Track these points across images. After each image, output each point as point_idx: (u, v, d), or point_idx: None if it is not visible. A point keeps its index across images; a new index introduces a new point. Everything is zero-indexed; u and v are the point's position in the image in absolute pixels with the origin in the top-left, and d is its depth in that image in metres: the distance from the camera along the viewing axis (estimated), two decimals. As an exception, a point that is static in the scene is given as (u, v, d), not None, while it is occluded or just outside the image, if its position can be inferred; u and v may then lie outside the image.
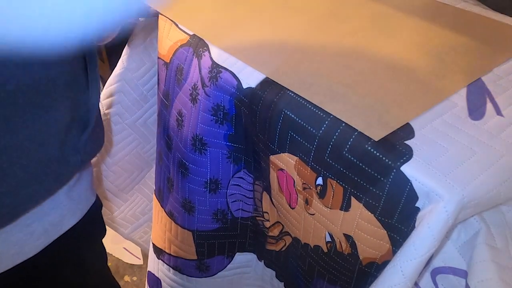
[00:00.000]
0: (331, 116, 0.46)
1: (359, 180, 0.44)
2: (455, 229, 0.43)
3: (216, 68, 0.56)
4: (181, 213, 0.70)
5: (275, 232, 0.65)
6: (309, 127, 0.47)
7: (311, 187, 0.50)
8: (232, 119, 0.58)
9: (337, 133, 0.45)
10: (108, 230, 0.64)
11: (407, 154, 0.42)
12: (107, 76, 0.80)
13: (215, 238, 0.71)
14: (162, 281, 0.81)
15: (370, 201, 0.44)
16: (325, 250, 0.54)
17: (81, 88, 0.45)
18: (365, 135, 0.43)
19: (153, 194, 0.81)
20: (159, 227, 0.77)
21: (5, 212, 0.41)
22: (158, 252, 0.79)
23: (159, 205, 0.76)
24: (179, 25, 0.64)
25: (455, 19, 0.64)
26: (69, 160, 0.44)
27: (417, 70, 0.53)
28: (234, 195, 0.67)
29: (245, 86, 0.53)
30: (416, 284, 0.47)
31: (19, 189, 0.40)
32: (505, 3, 0.69)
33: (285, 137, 0.50)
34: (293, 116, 0.48)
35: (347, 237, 0.49)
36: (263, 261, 0.74)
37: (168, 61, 0.65)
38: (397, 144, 0.43)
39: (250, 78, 0.53)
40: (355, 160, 0.44)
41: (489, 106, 0.49)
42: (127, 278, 1.28)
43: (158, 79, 0.72)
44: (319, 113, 0.47)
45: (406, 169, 0.41)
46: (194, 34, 0.61)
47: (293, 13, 0.66)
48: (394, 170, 0.41)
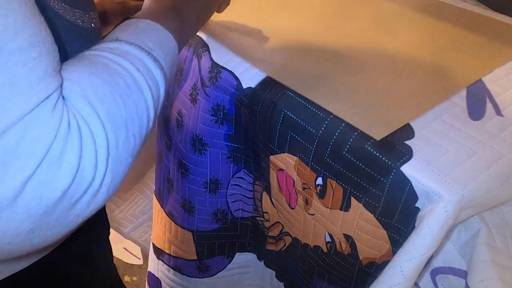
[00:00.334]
0: (331, 116, 0.46)
1: (359, 180, 0.44)
2: (455, 229, 0.43)
3: (216, 68, 0.56)
4: (181, 213, 0.70)
5: (275, 232, 0.65)
6: (309, 127, 0.47)
7: (311, 187, 0.50)
8: (232, 119, 0.58)
9: (337, 133, 0.45)
10: (108, 230, 0.64)
11: (407, 154, 0.41)
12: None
13: (215, 238, 0.71)
14: (162, 281, 0.81)
15: (370, 201, 0.44)
16: (325, 250, 0.54)
17: None
18: (365, 135, 0.43)
19: (153, 194, 0.81)
20: (159, 227, 0.77)
21: None
22: (158, 252, 0.79)
23: (159, 205, 0.76)
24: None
25: (458, 19, 0.65)
26: None
27: (419, 70, 0.53)
28: (234, 195, 0.67)
29: (245, 86, 0.53)
30: (416, 284, 0.47)
31: None
32: (505, 3, 0.69)
33: (285, 137, 0.50)
34: (293, 116, 0.48)
35: (347, 237, 0.49)
36: (263, 261, 0.74)
37: (168, 61, 0.65)
38: (397, 144, 0.43)
39: (250, 78, 0.53)
40: (355, 160, 0.44)
41: (489, 106, 0.49)
42: (127, 278, 1.28)
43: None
44: (319, 113, 0.47)
45: (406, 169, 0.41)
46: (194, 34, 0.61)
47: (298, 12, 0.66)
48: (394, 170, 0.41)
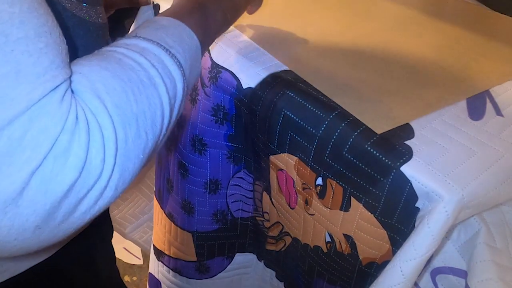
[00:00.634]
0: (331, 116, 0.46)
1: (359, 180, 0.44)
2: (455, 229, 0.43)
3: (216, 68, 0.56)
4: (180, 214, 0.70)
5: (275, 232, 0.65)
6: (309, 127, 0.47)
7: (310, 187, 0.50)
8: (232, 119, 0.58)
9: (337, 133, 0.45)
10: (108, 230, 0.64)
11: (407, 154, 0.41)
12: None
13: (214, 239, 0.71)
14: (162, 283, 0.80)
15: (370, 201, 0.44)
16: (325, 250, 0.54)
17: None
18: (365, 135, 0.43)
19: (153, 195, 0.81)
20: (159, 228, 0.77)
21: None
22: (158, 253, 0.79)
23: (159, 206, 0.76)
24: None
25: (483, 22, 0.66)
26: None
27: (438, 71, 0.54)
28: (234, 195, 0.67)
29: (245, 86, 0.53)
30: (416, 284, 0.47)
31: None
32: (505, 3, 0.69)
33: (285, 137, 0.50)
34: (293, 116, 0.48)
35: (347, 237, 0.49)
36: (263, 261, 0.74)
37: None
38: (397, 144, 0.43)
39: (250, 78, 0.53)
40: (355, 160, 0.44)
41: (489, 106, 0.49)
42: (127, 278, 1.28)
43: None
44: (319, 113, 0.47)
45: (406, 169, 0.41)
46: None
47: (323, 10, 0.68)
48: (394, 170, 0.41)
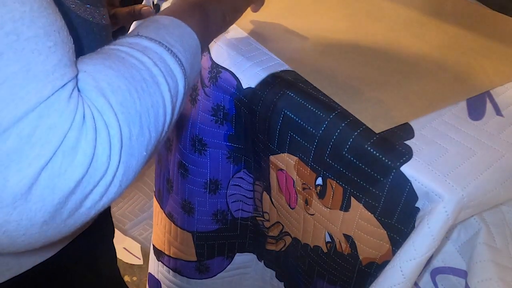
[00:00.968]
0: (331, 116, 0.46)
1: (358, 180, 0.44)
2: (455, 229, 0.43)
3: (216, 68, 0.56)
4: (180, 214, 0.70)
5: (275, 232, 0.65)
6: (309, 127, 0.47)
7: (310, 187, 0.50)
8: (232, 119, 0.58)
9: (337, 133, 0.45)
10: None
11: (407, 154, 0.41)
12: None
13: (214, 239, 0.71)
14: (162, 283, 0.80)
15: (370, 201, 0.44)
16: (325, 250, 0.54)
17: None
18: (365, 135, 0.43)
19: (153, 194, 0.81)
20: (159, 228, 0.77)
21: None
22: (158, 254, 0.79)
23: (159, 206, 0.76)
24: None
25: (487, 22, 0.66)
26: None
27: (440, 71, 0.54)
28: (234, 195, 0.67)
29: (245, 86, 0.53)
30: (416, 284, 0.47)
31: None
32: (505, 3, 0.69)
33: (284, 137, 0.50)
34: (293, 116, 0.48)
35: (347, 237, 0.49)
36: (263, 261, 0.74)
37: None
38: (397, 144, 0.43)
39: (250, 78, 0.53)
40: (354, 160, 0.44)
41: (489, 106, 0.49)
42: (127, 278, 1.28)
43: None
44: (319, 113, 0.47)
45: (406, 169, 0.41)
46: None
47: (328, 9, 0.68)
48: (394, 170, 0.41)
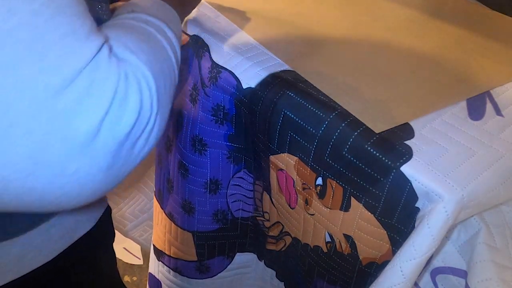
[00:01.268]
0: (331, 116, 0.46)
1: (359, 180, 0.44)
2: (455, 229, 0.43)
3: (216, 68, 0.56)
4: (181, 214, 0.70)
5: (275, 232, 0.65)
6: (309, 127, 0.47)
7: (310, 187, 0.50)
8: (232, 119, 0.58)
9: (337, 133, 0.45)
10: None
11: (407, 154, 0.41)
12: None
13: (215, 238, 0.71)
14: (162, 283, 0.80)
15: (370, 201, 0.44)
16: (325, 250, 0.54)
17: None
18: (365, 135, 0.43)
19: (153, 194, 0.81)
20: (159, 228, 0.77)
21: (31, 219, 0.42)
22: (158, 254, 0.79)
23: (159, 206, 0.76)
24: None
25: (487, 23, 0.66)
26: None
27: (440, 71, 0.54)
28: (234, 195, 0.67)
29: (245, 86, 0.53)
30: (416, 284, 0.47)
31: None
32: (505, 3, 0.69)
33: (285, 137, 0.50)
34: (293, 116, 0.48)
35: (347, 237, 0.49)
36: (263, 261, 0.74)
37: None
38: (397, 144, 0.43)
39: (250, 78, 0.53)
40: (355, 160, 0.44)
41: (489, 106, 0.49)
42: (127, 278, 1.28)
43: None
44: (319, 113, 0.47)
45: (406, 169, 0.41)
46: (194, 35, 0.61)
47: (323, 9, 0.68)
48: (394, 170, 0.41)
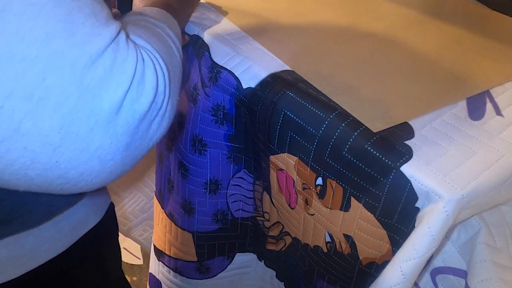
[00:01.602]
0: (331, 116, 0.46)
1: (358, 180, 0.44)
2: (455, 229, 0.43)
3: (216, 68, 0.56)
4: (181, 214, 0.70)
5: (275, 232, 0.65)
6: (308, 127, 0.47)
7: (310, 187, 0.50)
8: (232, 119, 0.58)
9: (337, 133, 0.45)
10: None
11: (407, 154, 0.41)
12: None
13: (215, 239, 0.71)
14: (162, 283, 0.80)
15: (370, 201, 0.44)
16: (325, 250, 0.54)
17: None
18: (365, 135, 0.43)
19: (153, 194, 0.81)
20: (159, 228, 0.77)
21: (45, 211, 0.43)
22: (159, 254, 0.79)
23: (160, 206, 0.76)
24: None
25: (487, 22, 0.66)
26: None
27: (438, 71, 0.54)
28: (234, 195, 0.67)
29: (245, 86, 0.53)
30: (416, 284, 0.47)
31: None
32: (505, 3, 0.69)
33: (285, 137, 0.50)
34: (293, 116, 0.48)
35: (347, 237, 0.49)
36: (263, 261, 0.74)
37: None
38: (397, 144, 0.43)
39: (249, 78, 0.53)
40: (355, 160, 0.44)
41: (489, 106, 0.49)
42: (127, 278, 1.28)
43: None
44: (319, 113, 0.47)
45: (406, 169, 0.41)
46: (194, 35, 0.61)
47: (323, 9, 0.68)
48: (394, 170, 0.41)
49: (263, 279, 0.77)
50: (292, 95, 0.49)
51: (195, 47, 0.60)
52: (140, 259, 1.06)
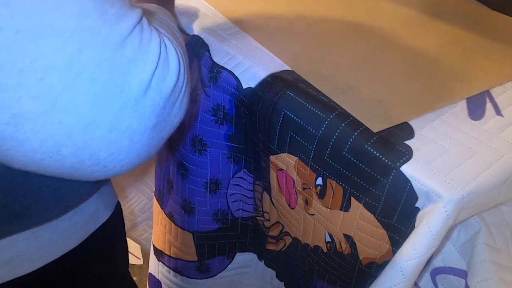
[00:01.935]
0: (331, 116, 0.46)
1: (358, 180, 0.44)
2: (455, 229, 0.43)
3: (216, 68, 0.56)
4: (181, 214, 0.70)
5: (275, 232, 0.65)
6: (309, 127, 0.47)
7: (310, 187, 0.50)
8: (232, 119, 0.58)
9: (337, 133, 0.45)
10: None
11: (407, 154, 0.41)
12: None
13: (215, 238, 0.71)
14: (162, 283, 0.80)
15: (370, 201, 0.44)
16: (325, 250, 0.54)
17: None
18: (365, 135, 0.43)
19: (153, 194, 0.81)
20: (159, 229, 0.77)
21: (61, 205, 0.43)
22: (158, 254, 0.79)
23: (159, 206, 0.76)
24: (180, 24, 0.64)
25: (487, 22, 0.66)
26: None
27: (438, 71, 0.54)
28: (234, 195, 0.67)
29: (245, 86, 0.53)
30: (416, 284, 0.47)
31: (74, 185, 0.43)
32: (505, 3, 0.69)
33: (285, 137, 0.50)
34: (293, 116, 0.48)
35: (347, 237, 0.49)
36: (263, 261, 0.74)
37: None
38: (397, 144, 0.43)
39: (249, 78, 0.53)
40: (355, 160, 0.44)
41: (489, 106, 0.49)
42: (127, 279, 1.28)
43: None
44: (319, 113, 0.47)
45: (406, 169, 0.41)
46: (194, 35, 0.61)
47: (323, 9, 0.68)
48: (394, 170, 0.41)
49: (263, 279, 0.77)
50: (292, 95, 0.49)
51: (195, 47, 0.60)
52: (140, 259, 1.06)
